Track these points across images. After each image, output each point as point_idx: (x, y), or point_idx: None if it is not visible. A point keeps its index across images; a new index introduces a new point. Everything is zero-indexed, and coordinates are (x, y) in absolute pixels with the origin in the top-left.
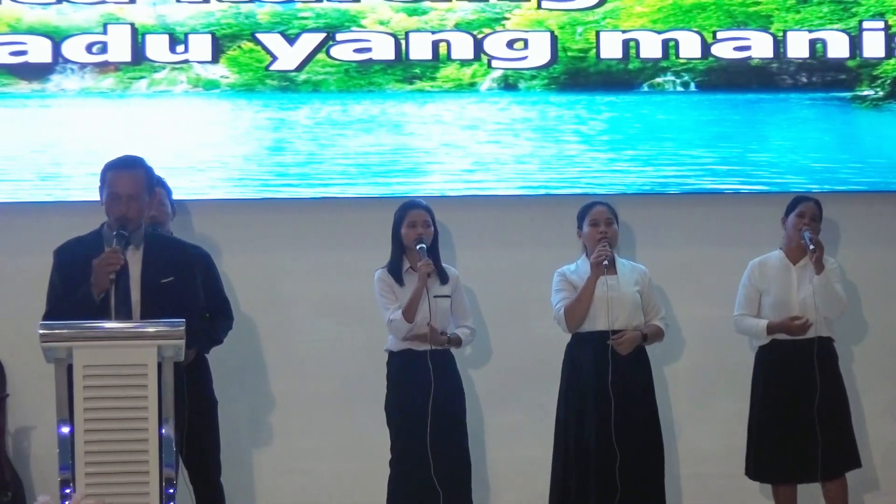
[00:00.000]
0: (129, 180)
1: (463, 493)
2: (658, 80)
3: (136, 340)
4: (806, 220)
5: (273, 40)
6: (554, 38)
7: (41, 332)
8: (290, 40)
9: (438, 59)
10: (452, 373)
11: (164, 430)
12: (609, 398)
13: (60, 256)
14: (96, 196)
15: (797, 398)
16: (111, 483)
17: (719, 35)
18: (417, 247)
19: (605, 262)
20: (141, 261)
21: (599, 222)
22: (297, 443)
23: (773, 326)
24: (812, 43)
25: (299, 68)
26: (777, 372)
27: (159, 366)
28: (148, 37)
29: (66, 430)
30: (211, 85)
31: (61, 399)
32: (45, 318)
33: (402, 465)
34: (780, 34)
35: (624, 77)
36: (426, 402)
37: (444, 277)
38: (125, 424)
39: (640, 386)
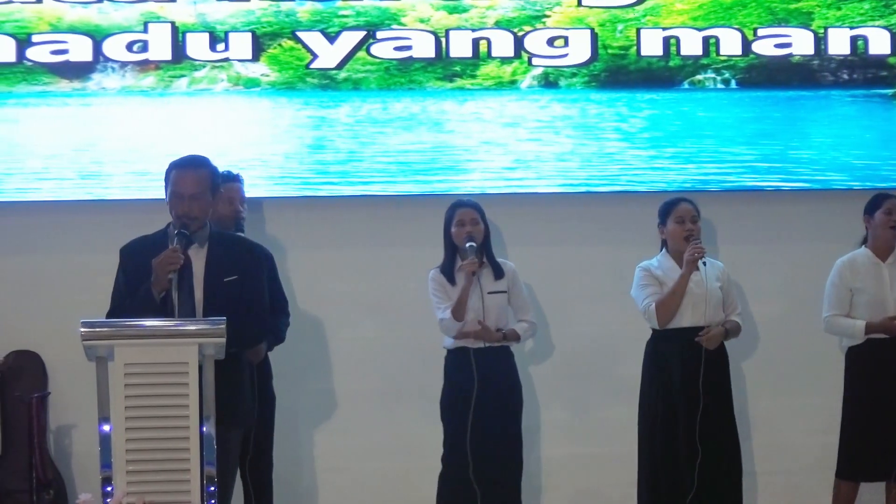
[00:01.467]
0: (193, 180)
1: (510, 493)
2: (699, 77)
3: (177, 339)
4: (895, 216)
5: (313, 38)
6: (594, 36)
7: (82, 330)
8: (331, 38)
9: (479, 56)
10: (509, 370)
11: (204, 429)
12: (699, 395)
13: (125, 255)
14: (137, 194)
15: (892, 396)
16: (152, 481)
17: (760, 32)
18: (467, 245)
19: (704, 261)
20: (205, 259)
21: (685, 219)
22: (342, 441)
23: (872, 326)
24: (853, 40)
25: (340, 66)
26: (873, 370)
27: (200, 364)
28: (188, 35)
29: (107, 428)
30: (251, 83)
31: (102, 397)
32: (108, 316)
33: (450, 463)
34: (821, 31)
35: (664, 74)
36: (473, 400)
37: (498, 273)
38: (166, 423)
39: (720, 383)
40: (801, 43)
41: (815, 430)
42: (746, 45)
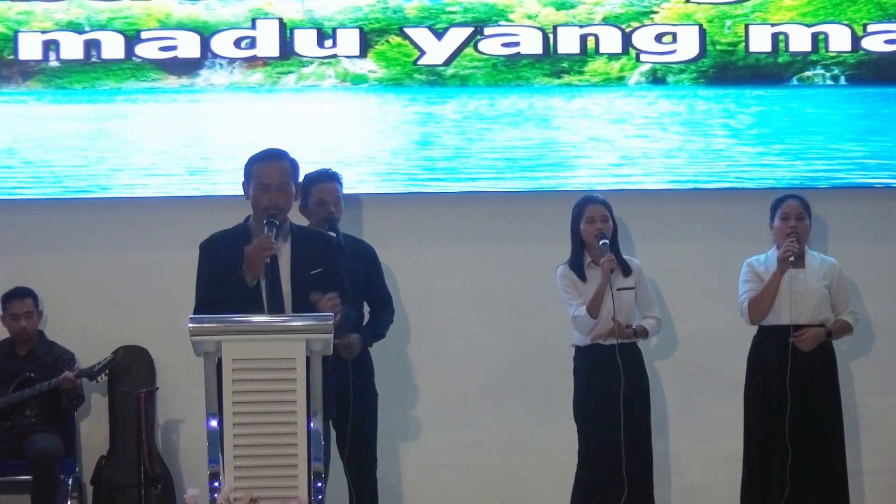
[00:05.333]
0: (277, 170)
1: (646, 489)
2: (807, 73)
3: (285, 334)
4: None
5: (421, 35)
6: (703, 32)
7: (190, 325)
8: (438, 34)
9: (586, 52)
10: (639, 367)
11: (312, 424)
12: (787, 395)
13: (208, 249)
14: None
15: None
16: (260, 476)
17: (869, 28)
18: (600, 242)
19: (792, 258)
20: (290, 253)
21: (790, 216)
22: (445, 437)
23: None
24: None
25: (447, 62)
26: None
27: (308, 360)
28: (296, 31)
29: (214, 423)
30: (359, 79)
31: (210, 392)
32: (197, 310)
33: (591, 461)
34: None
35: (773, 71)
36: (616, 397)
37: (626, 270)
38: (274, 418)
39: (823, 382)
40: None
41: None
42: (856, 41)
